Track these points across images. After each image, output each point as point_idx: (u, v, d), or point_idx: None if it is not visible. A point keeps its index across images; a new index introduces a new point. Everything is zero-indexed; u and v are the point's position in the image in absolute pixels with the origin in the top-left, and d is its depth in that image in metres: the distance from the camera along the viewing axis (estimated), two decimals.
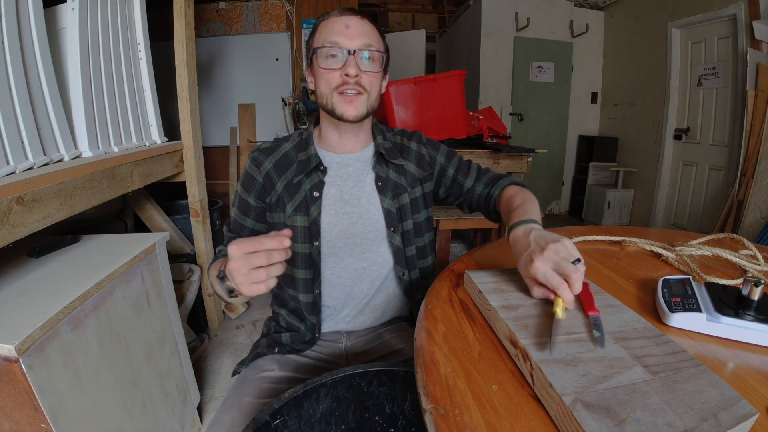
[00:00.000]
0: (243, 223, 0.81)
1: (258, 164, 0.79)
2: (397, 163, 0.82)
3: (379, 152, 0.81)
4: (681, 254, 0.74)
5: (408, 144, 0.86)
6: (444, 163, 0.87)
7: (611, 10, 3.88)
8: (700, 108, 3.05)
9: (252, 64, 3.24)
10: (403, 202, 0.82)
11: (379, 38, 0.75)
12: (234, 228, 0.82)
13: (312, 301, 0.79)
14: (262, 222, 0.81)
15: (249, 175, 0.79)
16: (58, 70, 1.07)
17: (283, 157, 0.79)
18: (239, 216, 0.81)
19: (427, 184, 0.86)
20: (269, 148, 0.81)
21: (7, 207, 0.77)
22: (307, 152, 0.79)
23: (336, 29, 0.70)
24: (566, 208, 4.40)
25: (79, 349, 0.77)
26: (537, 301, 0.53)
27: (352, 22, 0.71)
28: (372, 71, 0.72)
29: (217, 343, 1.82)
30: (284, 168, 0.79)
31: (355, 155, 0.81)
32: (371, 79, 0.73)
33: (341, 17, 0.71)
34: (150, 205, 1.73)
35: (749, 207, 2.39)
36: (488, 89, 3.90)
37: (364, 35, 0.71)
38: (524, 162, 2.02)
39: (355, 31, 0.70)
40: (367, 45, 0.71)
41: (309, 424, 0.61)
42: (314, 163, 0.77)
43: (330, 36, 0.70)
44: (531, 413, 0.37)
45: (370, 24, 0.74)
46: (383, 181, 0.81)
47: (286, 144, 0.81)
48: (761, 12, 2.44)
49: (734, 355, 0.46)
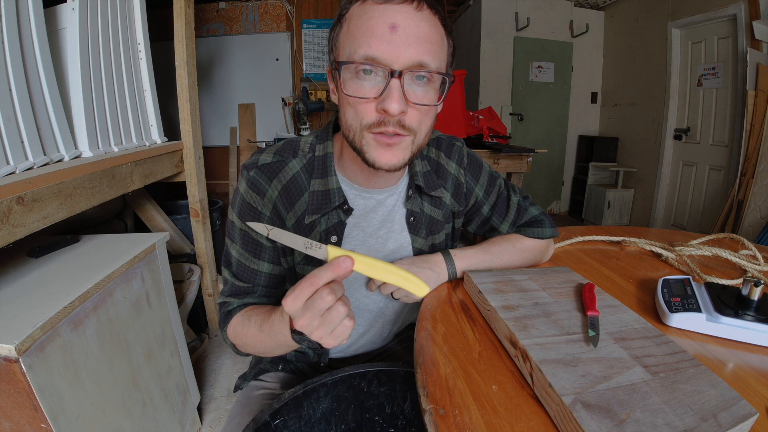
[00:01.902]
0: (256, 268, 0.62)
1: (260, 191, 0.59)
2: (434, 195, 0.67)
3: (417, 184, 0.65)
4: (681, 254, 0.74)
5: (446, 165, 0.69)
6: (481, 198, 0.72)
7: (611, 10, 3.88)
8: (700, 108, 3.05)
9: (252, 64, 3.24)
10: (439, 240, 0.70)
11: (444, 43, 0.51)
12: (241, 274, 0.62)
13: None
14: (279, 264, 0.63)
15: (251, 208, 0.59)
16: (58, 70, 1.07)
17: (291, 182, 0.60)
18: (246, 257, 0.61)
19: (458, 220, 0.73)
20: (270, 165, 0.60)
21: (7, 207, 0.77)
22: (326, 183, 0.60)
23: (376, 30, 0.46)
24: (566, 208, 4.40)
25: (79, 349, 0.77)
26: (537, 301, 0.53)
27: (401, 19, 0.46)
28: (425, 103, 0.50)
29: (217, 343, 1.82)
30: (293, 199, 0.60)
31: (387, 191, 0.64)
32: (422, 117, 0.51)
33: (386, 6, 0.46)
34: (150, 205, 1.73)
35: (749, 207, 2.39)
36: (488, 89, 3.89)
37: (421, 44, 0.47)
38: (524, 162, 2.02)
39: (407, 37, 0.46)
40: (422, 64, 0.47)
41: (309, 424, 0.61)
42: (337, 202, 0.59)
43: (365, 43, 0.46)
44: (531, 413, 0.37)
45: (432, 18, 0.48)
46: (416, 217, 0.66)
47: (293, 162, 0.60)
48: (761, 12, 2.44)
49: (734, 355, 0.46)
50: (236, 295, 0.63)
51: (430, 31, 0.48)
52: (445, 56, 0.52)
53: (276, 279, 0.64)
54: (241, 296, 0.63)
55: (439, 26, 0.50)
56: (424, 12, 0.47)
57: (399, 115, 0.48)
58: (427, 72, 0.48)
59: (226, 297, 0.64)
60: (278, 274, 0.64)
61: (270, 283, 0.64)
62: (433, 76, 0.49)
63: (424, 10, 0.47)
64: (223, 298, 0.64)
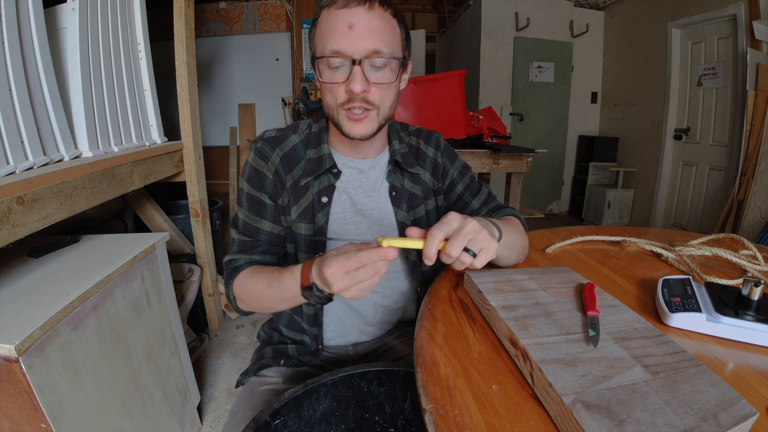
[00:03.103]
0: (258, 227, 0.71)
1: (265, 157, 0.69)
2: (413, 172, 0.76)
3: (395, 160, 0.75)
4: (681, 254, 0.74)
5: (425, 149, 0.79)
6: (456, 177, 0.81)
7: (611, 10, 3.88)
8: (700, 108, 3.05)
9: (252, 64, 3.25)
10: (419, 214, 0.77)
11: (396, 30, 0.62)
12: (246, 231, 0.71)
13: (314, 314, 0.75)
14: (279, 224, 0.72)
15: (257, 171, 0.70)
16: (58, 70, 1.07)
17: (291, 151, 0.71)
18: (251, 218, 0.71)
19: (440, 197, 0.81)
20: (274, 138, 0.72)
21: (7, 207, 0.77)
22: (319, 150, 0.71)
23: (337, 30, 0.58)
24: (566, 208, 4.40)
25: (79, 349, 0.77)
26: (537, 301, 0.53)
27: (356, 19, 0.57)
28: (383, 82, 0.61)
29: (217, 343, 1.82)
30: (292, 165, 0.71)
31: (370, 161, 0.75)
32: (382, 93, 0.62)
33: (344, 11, 0.58)
34: (150, 205, 1.74)
35: (749, 207, 2.39)
36: (488, 89, 3.89)
37: (373, 36, 0.58)
38: (524, 162, 2.02)
39: (361, 32, 0.58)
40: (377, 51, 0.59)
41: (309, 424, 0.61)
42: (327, 164, 0.70)
43: (331, 41, 0.58)
44: (531, 413, 0.37)
45: (382, 14, 0.59)
46: (398, 192, 0.75)
47: (294, 136, 0.72)
48: (761, 12, 2.44)
49: (734, 355, 0.46)
50: (243, 252, 0.71)
51: (381, 24, 0.59)
52: (398, 41, 0.63)
53: (276, 238, 0.73)
54: (247, 252, 0.71)
55: (389, 18, 0.61)
56: (375, 10, 0.59)
57: (362, 93, 0.60)
58: (381, 57, 0.59)
59: (234, 255, 0.71)
60: (278, 233, 0.73)
61: (271, 241, 0.72)
62: (388, 61, 0.60)
63: (375, 8, 0.59)
64: (231, 256, 0.71)
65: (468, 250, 0.49)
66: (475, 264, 0.51)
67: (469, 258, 0.50)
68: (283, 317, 0.80)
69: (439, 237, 0.48)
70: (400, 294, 0.79)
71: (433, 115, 1.98)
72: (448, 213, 0.51)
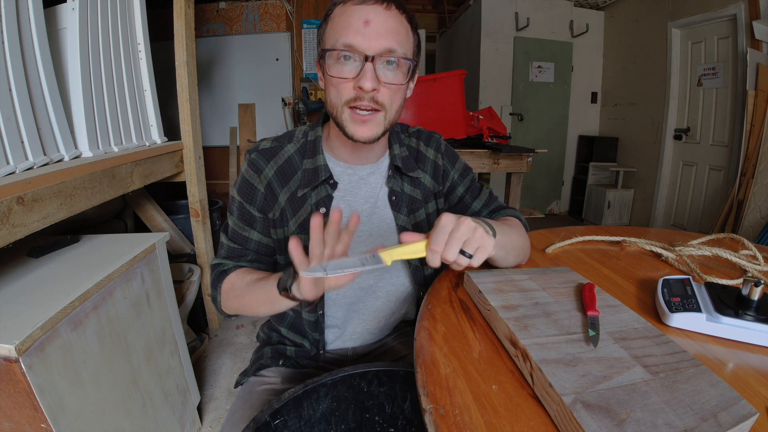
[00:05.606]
0: (247, 236, 0.71)
1: (257, 170, 0.69)
2: (413, 176, 0.75)
3: (395, 165, 0.73)
4: (681, 254, 0.74)
5: (425, 151, 0.78)
6: (456, 179, 0.80)
7: (611, 10, 3.88)
8: (700, 108, 3.04)
9: (252, 64, 3.24)
10: (420, 218, 0.76)
11: (409, 35, 0.62)
12: (235, 238, 0.72)
13: (315, 320, 0.74)
14: (268, 236, 0.72)
15: (248, 184, 0.69)
16: (58, 70, 1.07)
17: (286, 163, 0.70)
18: (241, 226, 0.71)
19: (441, 199, 0.80)
20: (269, 149, 0.71)
21: (7, 207, 0.77)
22: (315, 161, 0.70)
23: (353, 25, 0.56)
24: (566, 208, 4.40)
25: (79, 349, 0.77)
26: (537, 301, 0.53)
27: (373, 16, 0.56)
28: (394, 83, 0.60)
29: (217, 343, 1.82)
30: (287, 177, 0.70)
31: (369, 167, 0.73)
32: (392, 94, 0.61)
33: (361, 7, 0.57)
34: (150, 205, 1.74)
35: (749, 207, 2.39)
36: (488, 89, 3.89)
37: (389, 35, 0.57)
38: (524, 162, 2.02)
39: (377, 30, 0.56)
40: (391, 50, 0.58)
41: (309, 424, 0.61)
42: (323, 176, 0.68)
43: (344, 34, 0.57)
44: (531, 413, 0.37)
45: (398, 16, 0.59)
46: (397, 196, 0.74)
47: (289, 146, 0.71)
48: (761, 12, 2.44)
49: (734, 355, 0.46)
50: (231, 258, 0.72)
51: (396, 25, 0.59)
52: (411, 46, 0.62)
53: (264, 248, 0.73)
54: (235, 259, 0.72)
55: (405, 22, 0.61)
56: (392, 10, 0.58)
57: (372, 92, 0.58)
58: (395, 57, 0.58)
59: (222, 259, 0.72)
60: (266, 243, 0.72)
61: (259, 250, 0.73)
62: (400, 61, 0.59)
63: (392, 9, 0.58)
64: (219, 259, 0.72)
65: (464, 252, 0.50)
66: (473, 263, 0.51)
67: (465, 260, 0.51)
68: (286, 318, 0.80)
69: (440, 250, 0.49)
70: (403, 297, 0.78)
71: (433, 115, 1.97)
72: (441, 216, 0.51)
